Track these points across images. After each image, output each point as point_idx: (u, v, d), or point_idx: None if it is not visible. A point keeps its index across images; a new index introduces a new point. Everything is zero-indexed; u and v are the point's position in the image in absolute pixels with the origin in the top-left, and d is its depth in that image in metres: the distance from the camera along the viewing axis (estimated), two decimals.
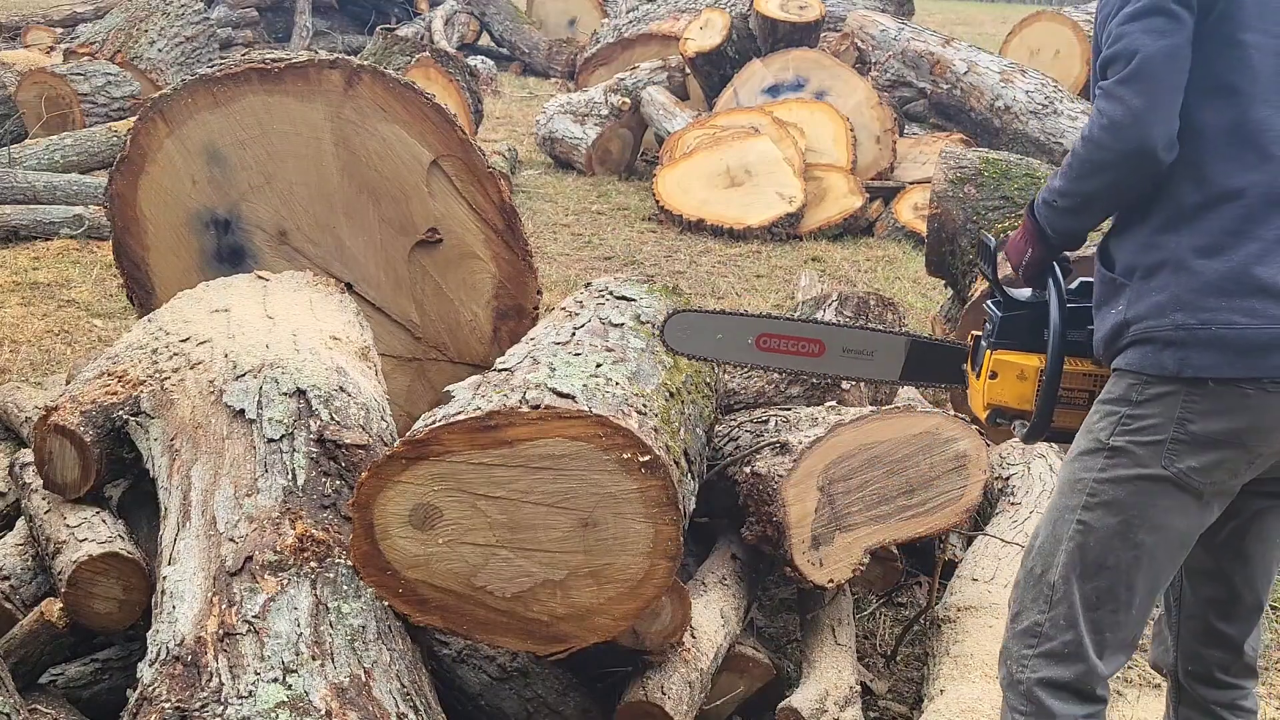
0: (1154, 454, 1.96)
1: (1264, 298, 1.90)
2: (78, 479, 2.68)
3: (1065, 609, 2.04)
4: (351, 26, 14.19)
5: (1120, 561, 2.01)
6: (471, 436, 2.21)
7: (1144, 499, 1.98)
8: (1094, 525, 2.02)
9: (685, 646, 2.60)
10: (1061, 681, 2.05)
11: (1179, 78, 1.93)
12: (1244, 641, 2.19)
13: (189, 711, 1.97)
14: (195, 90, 3.36)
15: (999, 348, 2.26)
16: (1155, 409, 1.96)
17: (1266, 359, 1.89)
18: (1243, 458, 1.96)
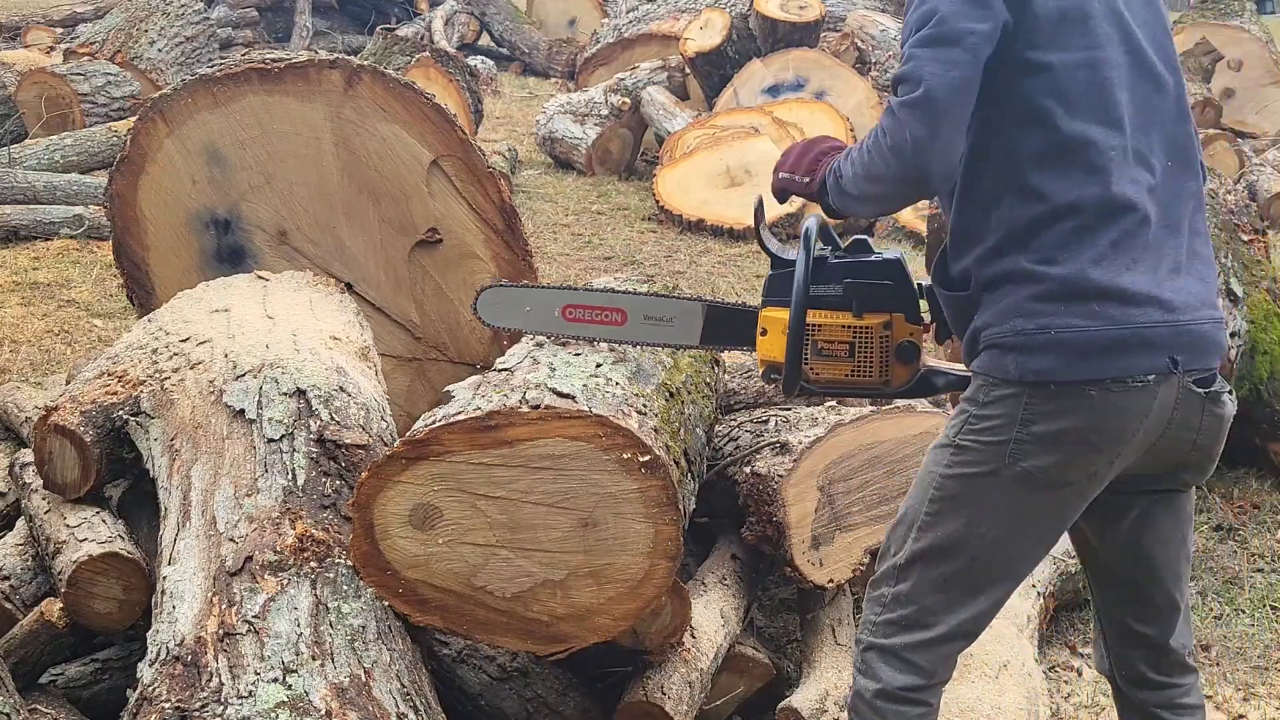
0: (997, 453, 1.99)
1: (1102, 301, 1.93)
2: (78, 479, 2.68)
3: (908, 588, 2.09)
4: (351, 26, 14.18)
5: (964, 553, 2.04)
6: (471, 436, 2.21)
7: (987, 495, 2.01)
8: (940, 517, 2.06)
9: (685, 646, 2.60)
10: (894, 650, 2.09)
11: (964, 110, 1.95)
12: (1166, 640, 2.19)
13: (189, 711, 1.98)
14: (195, 90, 3.36)
15: (767, 304, 2.32)
16: (999, 410, 1.99)
17: (1107, 361, 1.93)
18: (1093, 457, 1.97)
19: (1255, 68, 9.77)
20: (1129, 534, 2.15)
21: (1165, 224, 2.01)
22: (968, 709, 2.59)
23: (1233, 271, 4.27)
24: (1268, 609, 3.57)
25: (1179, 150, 2.07)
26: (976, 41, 1.94)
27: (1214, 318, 2.04)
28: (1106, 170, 1.97)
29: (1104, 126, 1.98)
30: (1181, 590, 2.19)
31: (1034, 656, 2.91)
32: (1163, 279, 1.98)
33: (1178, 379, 1.97)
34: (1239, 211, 4.60)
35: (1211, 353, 2.03)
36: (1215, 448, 2.09)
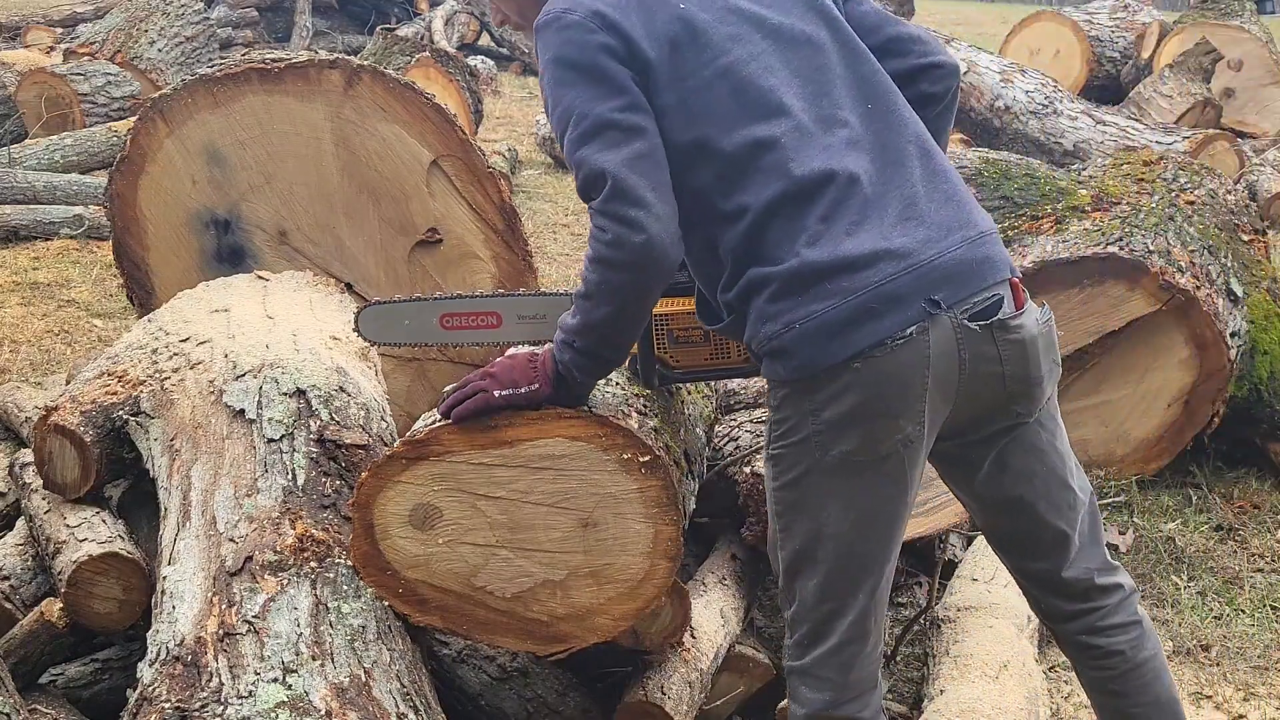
0: (805, 450, 1.99)
1: (832, 277, 1.91)
2: (78, 479, 2.68)
3: (796, 608, 2.10)
4: (351, 26, 14.18)
5: (824, 556, 2.03)
6: (471, 436, 2.21)
7: (815, 493, 2.01)
8: (790, 530, 2.06)
9: (685, 646, 2.60)
10: (807, 670, 2.10)
11: (658, 174, 1.94)
12: (1064, 573, 2.17)
13: (189, 711, 1.97)
14: (195, 90, 3.36)
15: None
16: (789, 410, 1.99)
17: (858, 332, 1.91)
18: (892, 422, 1.95)
19: (1255, 68, 9.77)
20: (989, 483, 2.13)
21: (884, 168, 1.98)
22: (968, 709, 2.59)
23: (1233, 271, 4.27)
24: (1268, 609, 3.57)
25: (869, 90, 2.05)
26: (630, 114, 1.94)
27: (969, 237, 1.99)
28: (785, 157, 1.95)
29: (765, 120, 1.97)
30: (1068, 519, 2.15)
31: (1034, 656, 2.91)
32: (890, 229, 1.94)
33: (948, 319, 1.93)
34: (1239, 211, 4.61)
35: (977, 275, 1.98)
36: (1029, 372, 2.03)
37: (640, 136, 1.94)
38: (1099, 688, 2.26)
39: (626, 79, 1.96)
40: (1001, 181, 4.70)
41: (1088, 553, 2.19)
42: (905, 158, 2.01)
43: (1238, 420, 4.28)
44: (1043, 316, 2.07)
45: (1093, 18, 10.68)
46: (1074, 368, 4.09)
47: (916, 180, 2.00)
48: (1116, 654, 2.20)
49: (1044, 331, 2.06)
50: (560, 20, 1.99)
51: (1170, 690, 2.25)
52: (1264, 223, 5.43)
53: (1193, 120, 8.64)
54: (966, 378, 1.97)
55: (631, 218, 1.91)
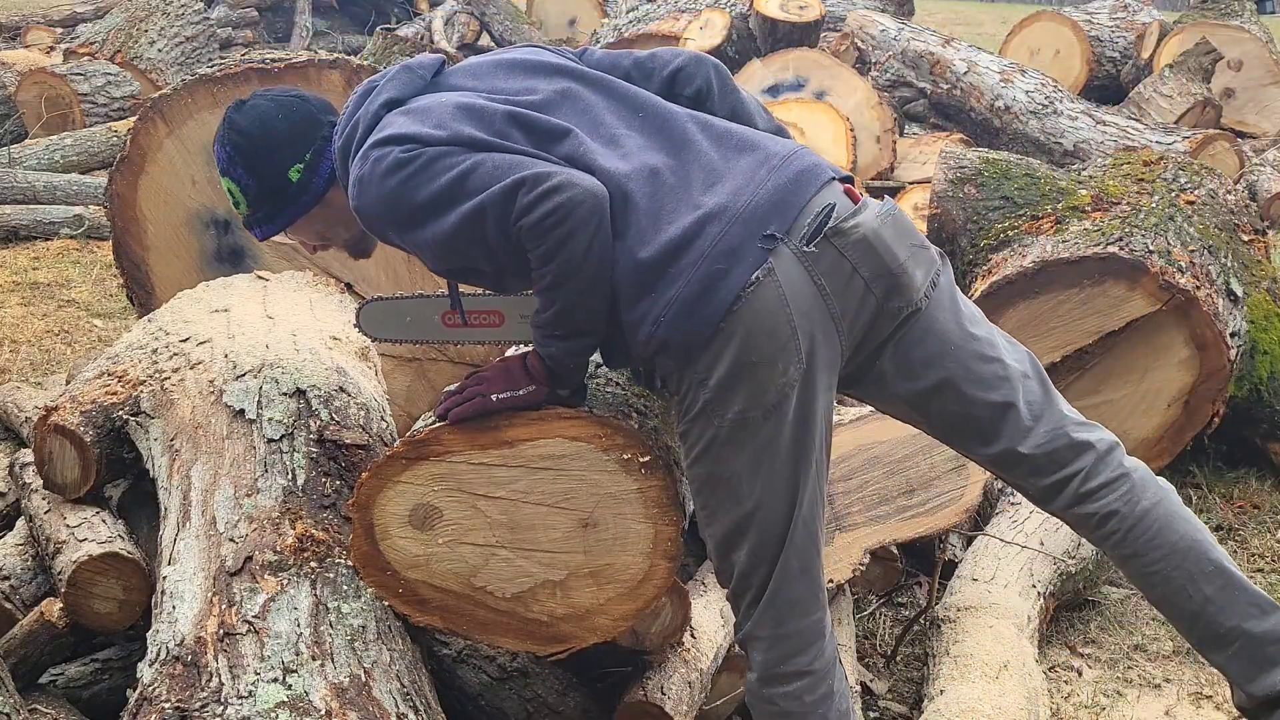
0: (705, 420, 2.04)
1: (672, 263, 1.98)
2: (78, 479, 2.68)
3: (735, 581, 2.15)
4: (351, 26, 14.17)
5: (748, 522, 2.08)
6: (471, 436, 2.21)
7: (725, 461, 2.05)
8: (710, 505, 2.11)
9: (685, 646, 2.60)
10: (754, 635, 2.15)
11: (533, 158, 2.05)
12: (1021, 446, 2.16)
13: (189, 711, 1.98)
14: (195, 90, 3.37)
15: None
16: (681, 386, 2.05)
17: (714, 296, 1.97)
18: (773, 368, 1.99)
19: (1255, 68, 9.77)
20: (904, 382, 2.15)
21: (674, 154, 2.07)
22: (968, 709, 2.59)
23: (1233, 271, 4.27)
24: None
25: (633, 104, 2.15)
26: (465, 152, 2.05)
27: (771, 166, 2.04)
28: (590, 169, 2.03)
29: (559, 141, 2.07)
30: (1001, 390, 2.15)
31: (1034, 656, 2.91)
32: (700, 196, 2.02)
33: (787, 250, 1.98)
34: (1239, 211, 4.61)
35: (794, 195, 2.02)
36: (889, 265, 2.05)
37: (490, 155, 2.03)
38: (1117, 556, 2.21)
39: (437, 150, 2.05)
40: (1001, 181, 4.69)
41: (1045, 420, 2.17)
42: (688, 137, 2.09)
43: (1238, 420, 4.28)
44: (884, 208, 2.09)
45: (1093, 18, 10.67)
46: (1074, 368, 4.08)
47: (707, 149, 2.08)
48: (1112, 514, 2.16)
49: (888, 220, 2.08)
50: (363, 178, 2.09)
51: (1190, 535, 2.17)
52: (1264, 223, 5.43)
53: (1193, 120, 8.64)
54: (834, 298, 2.01)
55: (556, 184, 1.97)
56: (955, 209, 4.69)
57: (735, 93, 2.30)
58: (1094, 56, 10.24)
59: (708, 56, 2.32)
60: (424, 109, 2.12)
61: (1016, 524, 3.39)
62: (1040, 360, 2.30)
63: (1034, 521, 3.40)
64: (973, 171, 4.74)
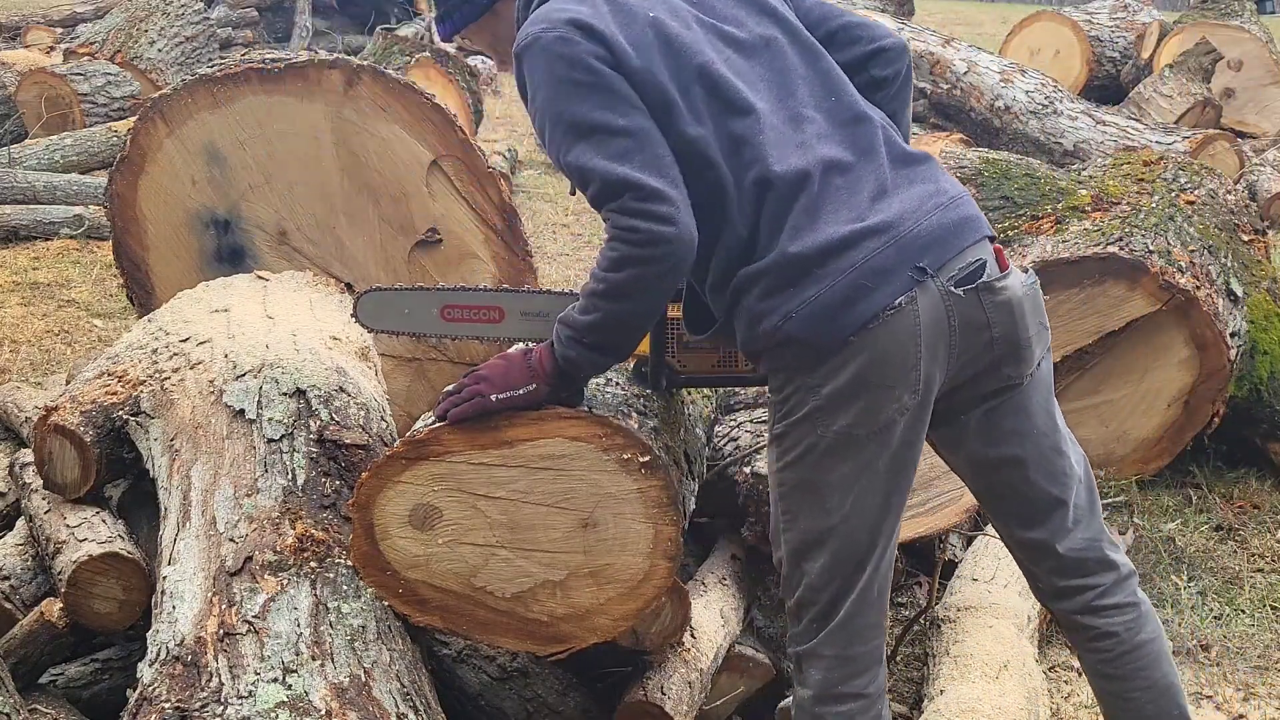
0: (808, 427, 2.01)
1: (819, 263, 1.95)
2: (78, 479, 2.68)
3: (802, 592, 2.11)
4: (351, 26, 14.18)
5: (830, 535, 2.05)
6: (471, 436, 2.21)
7: (820, 470, 2.03)
8: (793, 511, 2.08)
9: (685, 646, 2.60)
10: (816, 651, 2.11)
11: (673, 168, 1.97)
12: (1058, 544, 2.17)
13: (189, 711, 1.98)
14: (195, 90, 3.36)
15: None
16: (791, 388, 2.02)
17: (852, 309, 1.95)
18: (890, 393, 1.98)
19: (1255, 68, 9.77)
20: (981, 445, 2.15)
21: (854, 157, 2.03)
22: (968, 709, 2.59)
23: (1233, 271, 4.27)
24: (1268, 609, 3.57)
25: (830, 85, 2.10)
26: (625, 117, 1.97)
27: (940, 204, 2.03)
28: (763, 156, 1.99)
29: (741, 117, 2.01)
30: (1061, 485, 2.16)
31: (1034, 656, 2.91)
32: (866, 209, 1.99)
33: (934, 285, 1.97)
34: (1239, 211, 4.61)
35: (956, 237, 2.01)
36: (1017, 334, 2.06)
37: (647, 137, 1.97)
38: (1096, 671, 2.25)
39: (620, 82, 1.98)
40: (1001, 181, 4.70)
41: (1085, 527, 2.19)
42: (872, 145, 2.06)
43: (1238, 420, 4.28)
44: (1028, 280, 2.11)
45: (1093, 18, 10.68)
46: (1074, 368, 4.09)
47: (884, 163, 2.05)
48: (1112, 635, 2.20)
49: (1030, 294, 2.09)
50: (541, 40, 2.01)
51: (1170, 677, 2.24)
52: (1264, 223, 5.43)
53: (1193, 120, 8.64)
54: (957, 341, 2.01)
55: (662, 214, 1.94)
56: None
57: (906, 100, 2.28)
58: (1094, 56, 10.24)
59: (905, 46, 2.27)
60: (628, 6, 2.03)
61: None
62: None
63: None
64: (973, 171, 4.74)
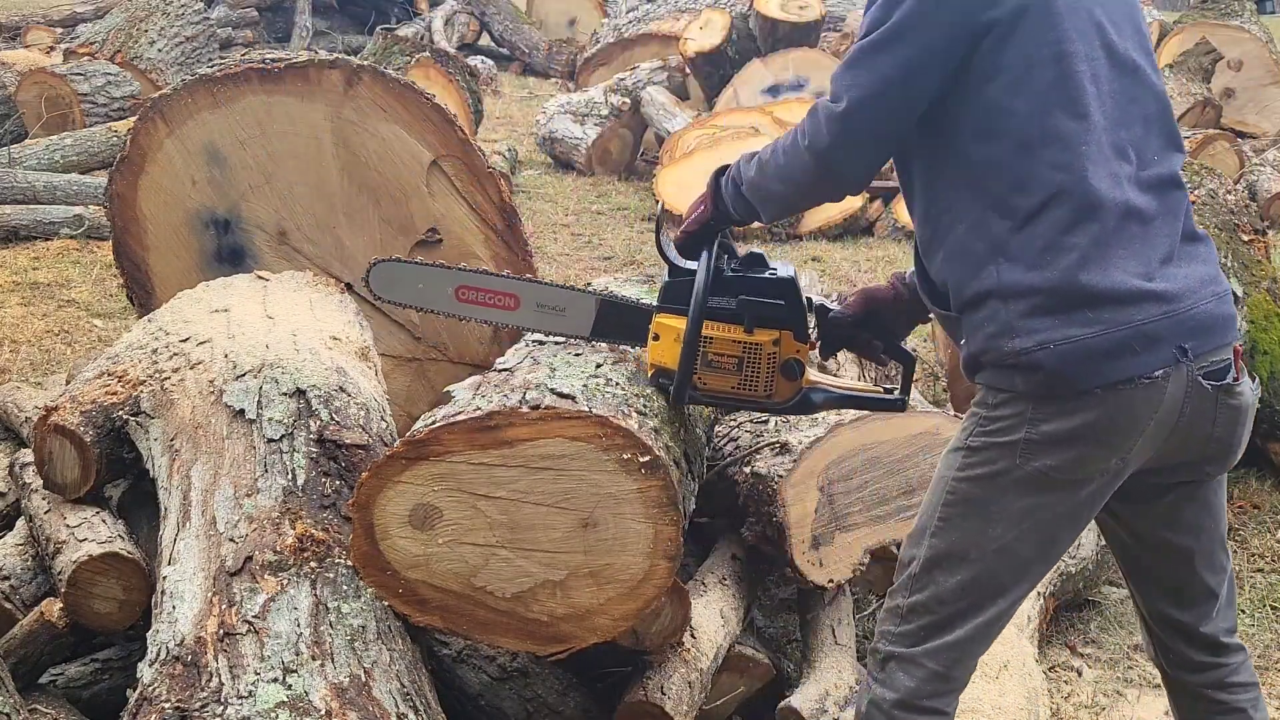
0: (1008, 453, 1.98)
1: (1095, 305, 1.90)
2: (78, 479, 2.68)
3: (925, 596, 2.08)
4: (351, 26, 14.18)
5: (979, 558, 2.03)
6: (471, 436, 2.21)
7: (1000, 495, 2.00)
8: (953, 521, 2.05)
9: (685, 646, 2.60)
10: (914, 658, 2.08)
11: (886, 124, 2.00)
12: (1201, 626, 2.18)
13: (189, 711, 1.97)
14: (195, 90, 3.36)
15: (662, 311, 2.36)
16: (1009, 410, 1.98)
17: (1112, 364, 1.91)
18: (1105, 454, 1.96)
19: (1255, 68, 9.77)
20: (1158, 527, 2.14)
21: (1155, 213, 1.97)
22: (968, 709, 2.59)
23: (1233, 271, 4.27)
24: (1268, 609, 3.57)
25: (1164, 137, 2.05)
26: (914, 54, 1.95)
27: (1216, 293, 2.01)
28: (1079, 166, 1.93)
29: (1074, 119, 1.95)
30: (1219, 577, 2.18)
31: (1034, 656, 2.91)
32: (1155, 270, 1.94)
33: (1186, 370, 1.94)
34: (1239, 211, 4.60)
35: (1219, 331, 1.99)
36: (1234, 438, 2.07)
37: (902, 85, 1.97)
38: None
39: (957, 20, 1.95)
40: None
41: (1223, 615, 2.21)
42: (1175, 211, 2.01)
43: None
44: (1255, 388, 2.10)
45: None
46: None
47: (1178, 232, 2.00)
48: (1239, 711, 2.22)
49: (1253, 403, 2.09)
50: None
51: None
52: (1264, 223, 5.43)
53: (1193, 120, 8.64)
54: (1180, 429, 1.99)
55: (838, 145, 1.99)
56: None
57: None
58: None
59: None
60: None
61: None
62: None
63: None
64: None
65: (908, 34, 1.95)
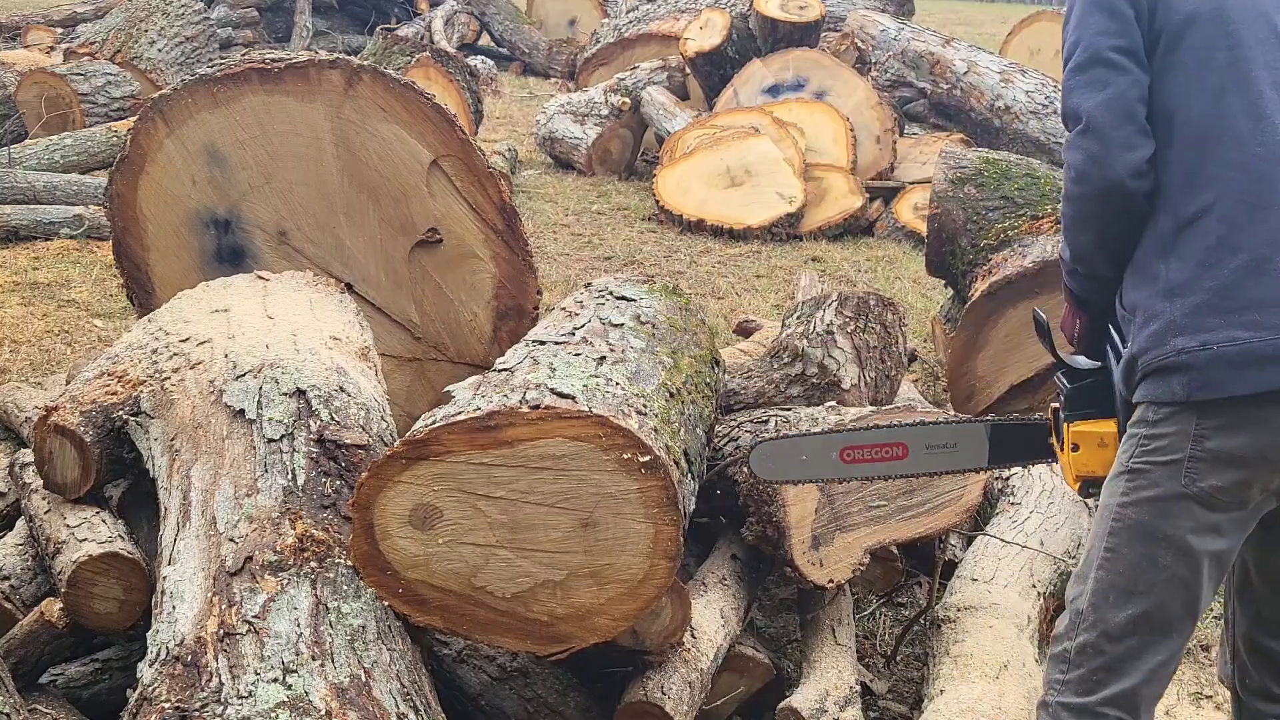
0: (1173, 473, 1.92)
1: (1263, 308, 1.87)
2: (78, 479, 2.68)
3: (1094, 637, 2.00)
4: (351, 26, 14.19)
5: (1150, 587, 1.95)
6: (471, 436, 2.21)
7: (1166, 520, 1.93)
8: (1120, 551, 1.98)
9: (685, 646, 2.60)
10: (1089, 708, 2.00)
11: (1129, 115, 1.99)
12: None
13: (189, 711, 1.97)
14: (195, 90, 3.36)
15: (1075, 419, 2.26)
16: (1171, 428, 1.92)
17: (1271, 370, 1.86)
18: (1272, 475, 1.90)
19: None
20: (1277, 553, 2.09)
21: None
22: (968, 709, 2.59)
23: None
24: None
25: None
26: (1121, 56, 1.99)
27: None
28: (1258, 165, 1.92)
29: (1253, 121, 1.94)
30: None
31: (1034, 656, 2.91)
32: None
33: None
34: None
35: None
36: None
37: (1125, 76, 1.98)
38: None
39: (1131, 21, 2.00)
40: (1001, 181, 4.70)
41: None
42: None
43: None
44: None
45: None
46: None
47: None
48: None
49: None
50: None
51: None
52: None
53: None
54: None
55: (1094, 152, 1.98)
56: (955, 209, 4.69)
57: None
58: None
59: None
60: None
61: (1016, 524, 3.39)
62: (1040, 360, 2.33)
63: (1034, 522, 3.40)
64: (973, 171, 4.74)
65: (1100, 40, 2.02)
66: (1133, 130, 1.98)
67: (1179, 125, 1.97)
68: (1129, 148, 1.97)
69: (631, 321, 2.82)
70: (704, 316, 3.37)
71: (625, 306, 2.91)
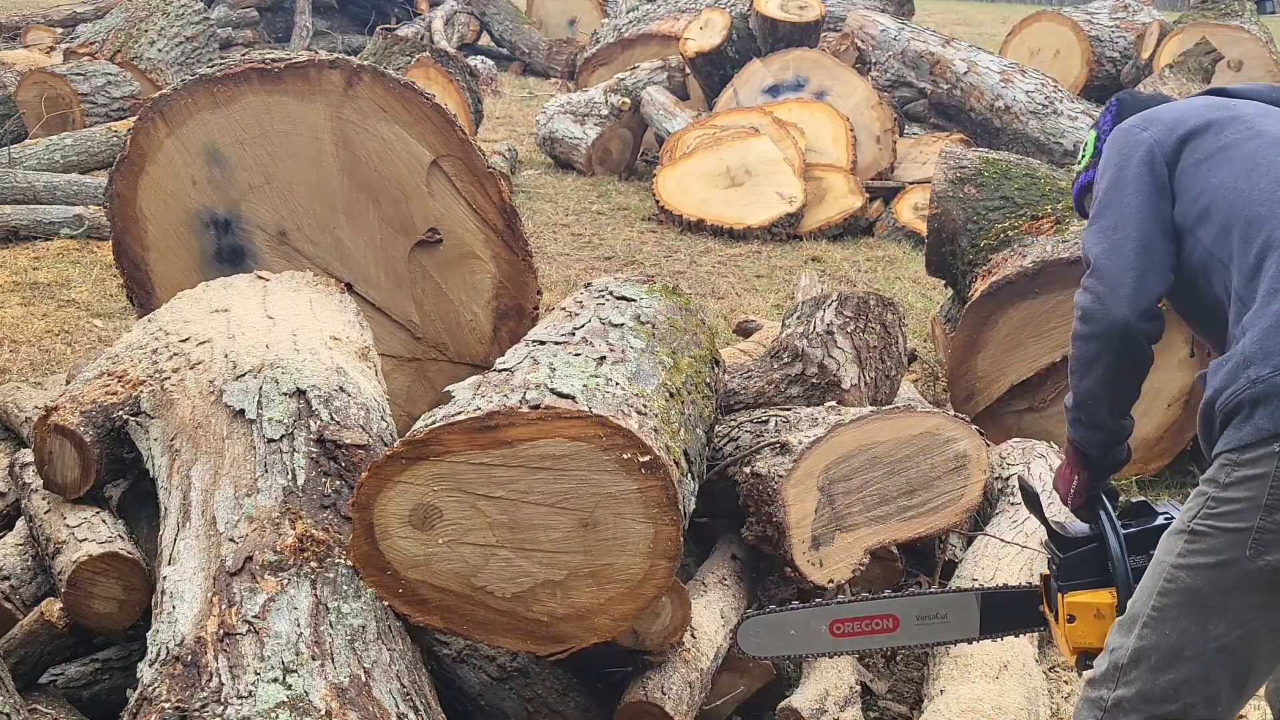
0: (1238, 542, 1.83)
1: None
2: (78, 479, 2.68)
3: (1132, 694, 1.93)
4: (351, 26, 14.17)
5: (1195, 657, 1.87)
6: (471, 436, 2.21)
7: (1223, 590, 1.84)
8: (1169, 613, 1.89)
9: (685, 646, 2.60)
10: None
11: (1141, 259, 2.05)
12: None
13: (189, 711, 1.98)
14: (195, 90, 3.36)
15: (1068, 589, 2.24)
16: (1243, 492, 1.83)
17: None
18: None
19: (1255, 68, 9.76)
20: None
21: None
22: (968, 709, 2.59)
23: None
24: None
25: None
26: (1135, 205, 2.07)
27: None
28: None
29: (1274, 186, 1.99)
30: None
31: (1034, 656, 2.91)
32: None
33: None
34: None
35: None
36: None
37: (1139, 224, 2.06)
38: None
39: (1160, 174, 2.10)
40: (1001, 181, 4.69)
41: None
42: None
43: None
44: None
45: (1093, 18, 10.67)
46: None
47: None
48: None
49: None
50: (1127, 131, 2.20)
51: None
52: None
53: None
54: None
55: (1101, 293, 2.04)
56: (955, 209, 4.69)
57: None
58: (1094, 56, 10.24)
59: None
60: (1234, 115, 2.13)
61: (1016, 524, 3.39)
62: (1040, 360, 2.33)
63: (1034, 522, 3.39)
64: (973, 171, 4.74)
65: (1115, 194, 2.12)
66: (1147, 273, 2.06)
67: (1221, 207, 2.01)
68: (1139, 289, 2.05)
69: (631, 321, 2.82)
70: (704, 316, 3.37)
71: (625, 306, 2.91)
